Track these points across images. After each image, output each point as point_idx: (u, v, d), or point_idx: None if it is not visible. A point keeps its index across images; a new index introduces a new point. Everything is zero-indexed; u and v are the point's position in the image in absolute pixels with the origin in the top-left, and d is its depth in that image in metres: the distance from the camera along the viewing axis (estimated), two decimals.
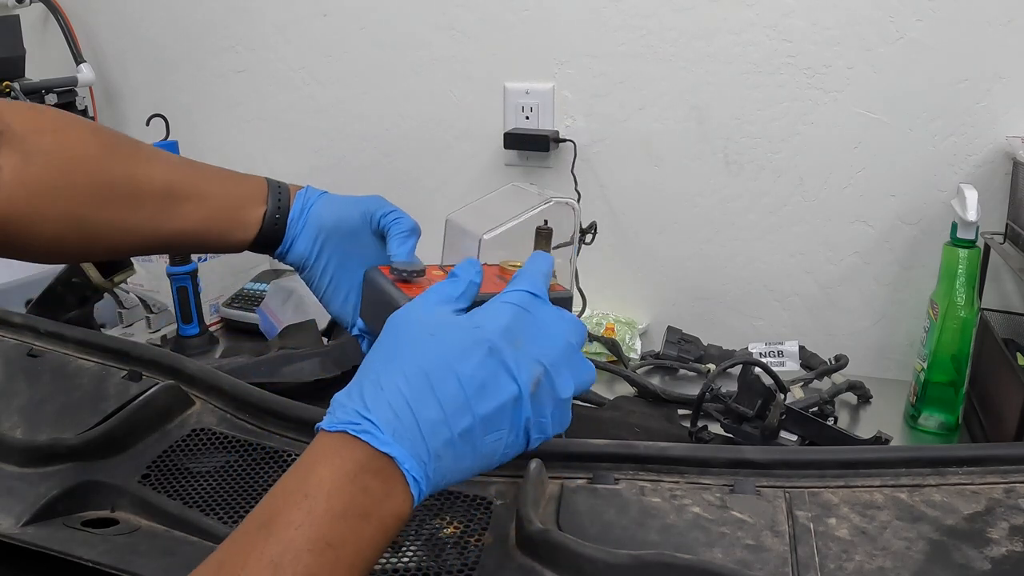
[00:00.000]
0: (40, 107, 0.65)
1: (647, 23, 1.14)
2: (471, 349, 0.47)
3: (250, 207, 0.69)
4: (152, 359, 0.77)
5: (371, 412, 0.44)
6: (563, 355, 0.50)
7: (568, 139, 1.21)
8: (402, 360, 0.46)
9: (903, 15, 1.02)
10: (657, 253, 1.22)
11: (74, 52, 1.43)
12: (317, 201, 0.71)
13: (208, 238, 0.68)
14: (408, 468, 0.44)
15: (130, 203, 0.65)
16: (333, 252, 0.70)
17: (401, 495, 0.44)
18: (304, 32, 1.34)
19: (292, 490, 0.43)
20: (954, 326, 0.92)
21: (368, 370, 0.47)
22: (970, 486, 0.58)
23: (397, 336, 0.48)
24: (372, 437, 0.44)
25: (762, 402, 0.87)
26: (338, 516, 0.42)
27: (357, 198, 0.71)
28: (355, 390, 0.46)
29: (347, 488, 0.43)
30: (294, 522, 0.41)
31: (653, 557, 0.50)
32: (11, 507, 0.62)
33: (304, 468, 0.44)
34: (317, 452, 0.44)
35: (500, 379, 0.47)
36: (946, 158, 1.05)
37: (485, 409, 0.46)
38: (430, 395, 0.45)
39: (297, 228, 0.70)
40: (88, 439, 0.67)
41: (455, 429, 0.45)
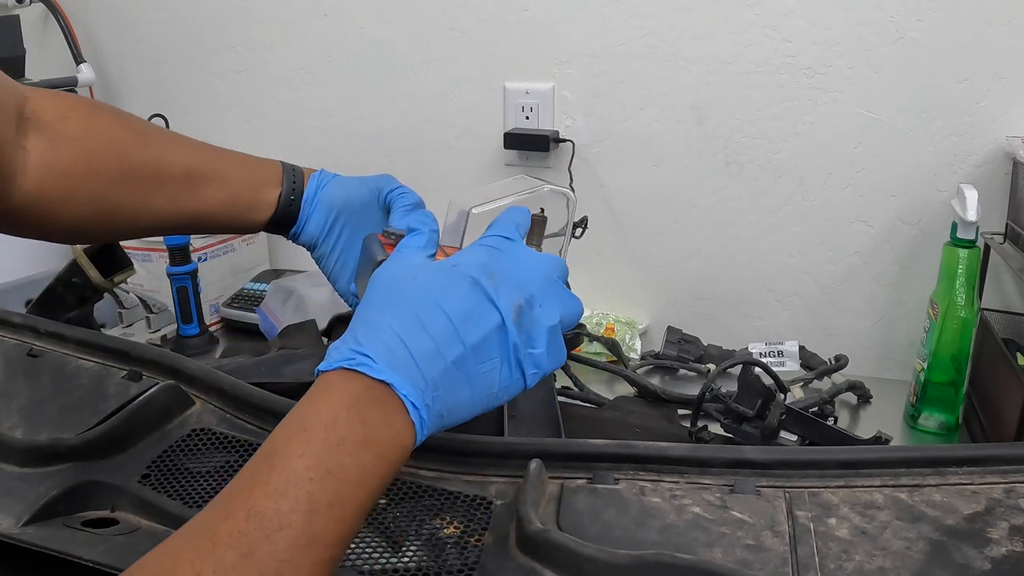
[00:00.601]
0: (65, 94, 0.67)
1: (647, 23, 1.14)
2: (453, 284, 0.49)
3: (266, 189, 0.72)
4: (152, 359, 0.77)
5: (364, 347, 0.46)
6: (543, 285, 0.52)
7: (568, 139, 1.21)
8: (390, 304, 0.49)
9: (903, 15, 1.02)
10: (657, 253, 1.22)
11: (74, 52, 1.43)
12: (331, 182, 0.74)
13: (227, 218, 0.71)
14: (406, 393, 0.45)
15: (153, 185, 0.67)
16: (343, 229, 0.72)
17: (401, 422, 0.46)
18: (304, 32, 1.34)
19: (292, 424, 0.44)
20: (954, 326, 0.92)
21: (358, 319, 0.49)
22: (970, 486, 0.58)
23: (379, 288, 0.51)
24: (368, 367, 0.45)
25: (762, 402, 0.87)
26: (336, 444, 0.43)
27: (367, 177, 0.73)
28: (348, 336, 0.48)
29: (344, 417, 0.44)
30: (295, 452, 0.42)
31: (653, 557, 0.50)
32: (11, 507, 0.62)
33: (304, 405, 0.45)
34: (315, 390, 0.46)
35: (483, 308, 0.49)
36: (946, 158, 1.05)
37: (473, 337, 0.48)
38: (420, 328, 0.47)
39: (310, 208, 0.73)
40: (88, 439, 0.67)
41: (448, 357, 0.47)
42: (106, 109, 0.69)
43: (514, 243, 0.54)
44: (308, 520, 0.41)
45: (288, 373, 0.88)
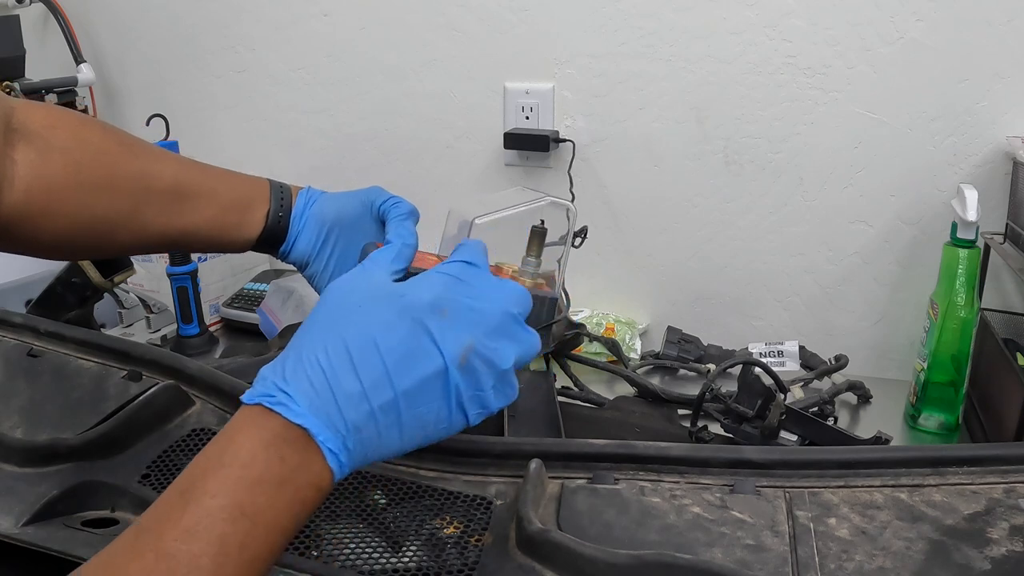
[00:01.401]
0: (52, 106, 0.66)
1: (647, 23, 1.14)
2: (394, 321, 0.46)
3: (254, 206, 0.70)
4: (152, 359, 0.77)
5: (288, 384, 0.45)
6: (499, 325, 0.48)
7: (568, 139, 1.21)
8: (325, 331, 0.46)
9: (903, 15, 1.02)
10: (657, 253, 1.22)
11: (74, 52, 1.43)
12: (320, 198, 0.73)
13: (214, 236, 0.69)
14: (323, 440, 0.44)
15: (142, 199, 0.66)
16: (336, 245, 0.71)
17: (319, 465, 0.44)
18: (304, 32, 1.34)
19: (210, 459, 0.43)
20: (954, 326, 0.92)
21: (295, 340, 0.47)
22: (970, 486, 0.58)
23: (326, 306, 0.48)
24: (286, 409, 0.44)
25: (762, 402, 0.87)
26: (253, 484, 0.42)
27: (356, 191, 0.72)
28: (279, 362, 0.46)
29: (262, 456, 0.43)
30: (210, 490, 0.42)
31: (653, 557, 0.50)
32: (11, 507, 0.62)
33: (223, 439, 0.44)
34: (236, 423, 0.45)
35: (424, 351, 0.46)
36: (946, 158, 1.05)
37: (407, 383, 0.45)
38: (350, 368, 0.45)
39: (299, 225, 0.71)
40: (88, 439, 0.67)
41: (375, 402, 0.45)
42: (94, 122, 0.68)
43: (477, 270, 0.50)
44: (218, 564, 0.40)
45: None
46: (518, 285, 0.51)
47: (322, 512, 0.61)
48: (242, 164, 1.45)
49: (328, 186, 1.39)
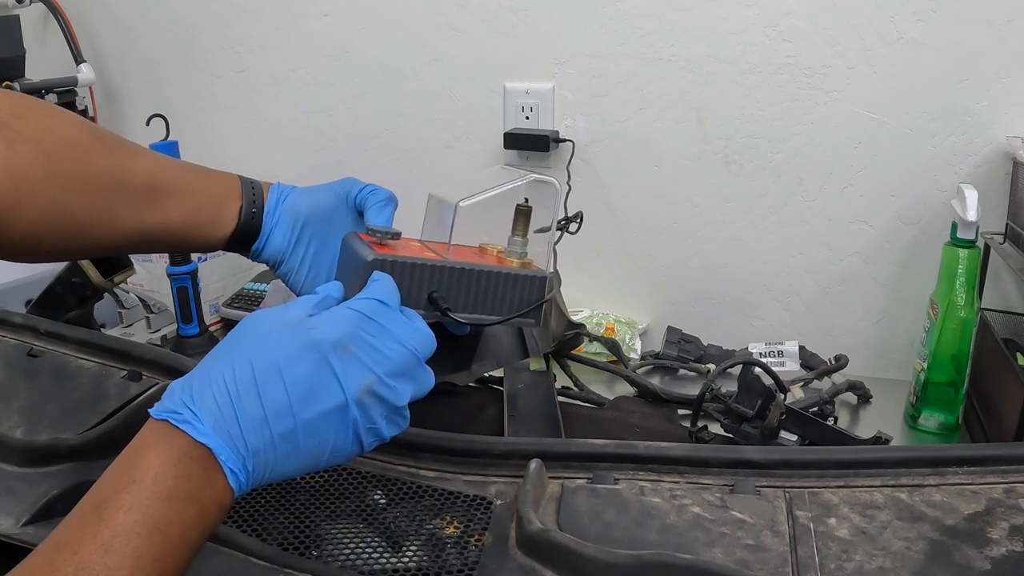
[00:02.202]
0: (20, 94, 0.63)
1: (647, 23, 1.14)
2: (301, 353, 0.48)
3: (227, 202, 0.68)
4: (152, 359, 0.77)
5: (195, 403, 0.46)
6: (402, 363, 0.50)
7: (568, 139, 1.21)
8: (235, 355, 0.48)
9: (903, 15, 1.02)
10: (657, 253, 1.22)
11: (74, 52, 1.43)
12: (292, 194, 0.71)
13: (188, 234, 0.67)
14: (224, 460, 0.45)
15: (114, 194, 0.63)
16: (311, 240, 0.69)
17: (221, 485, 0.46)
18: (304, 32, 1.34)
19: (121, 474, 0.45)
20: (954, 326, 0.92)
21: (207, 360, 0.49)
22: (970, 486, 0.58)
23: (240, 331, 0.49)
24: (191, 427, 0.45)
25: (762, 402, 0.87)
26: (164, 499, 0.44)
27: (329, 184, 0.71)
28: (188, 379, 0.47)
29: (171, 472, 0.44)
30: (123, 505, 0.43)
31: (653, 557, 0.50)
32: (11, 507, 0.62)
33: (133, 453, 0.45)
34: (144, 438, 0.46)
35: (326, 386, 0.48)
36: (946, 158, 1.05)
37: (308, 415, 0.47)
38: (255, 394, 0.46)
39: (273, 221, 0.69)
40: (88, 439, 0.67)
41: (275, 430, 0.47)
42: (65, 113, 0.64)
43: (387, 310, 0.51)
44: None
45: None
46: (424, 327, 0.52)
47: (322, 512, 0.61)
48: (242, 164, 1.45)
49: None
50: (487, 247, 0.64)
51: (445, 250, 0.61)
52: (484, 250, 0.63)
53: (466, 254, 0.61)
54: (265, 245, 0.69)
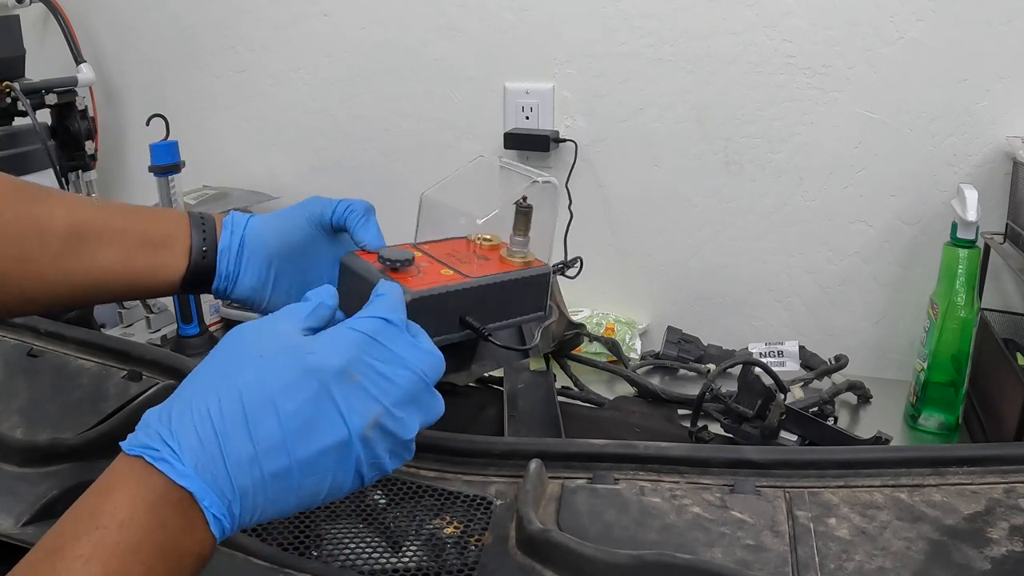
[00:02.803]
0: None
1: (647, 23, 1.14)
2: (299, 382, 0.42)
3: (171, 243, 0.61)
4: (152, 359, 0.77)
5: (175, 438, 0.40)
6: (410, 391, 0.45)
7: (568, 139, 1.21)
8: (221, 381, 0.42)
9: (903, 15, 1.02)
10: (657, 253, 1.22)
11: (74, 52, 1.43)
12: (250, 226, 0.64)
13: (129, 280, 0.60)
14: (207, 505, 0.40)
15: (35, 243, 0.57)
16: (289, 274, 0.63)
17: (201, 532, 0.40)
18: (304, 32, 1.34)
19: (84, 516, 0.39)
20: (954, 326, 0.92)
21: (187, 384, 0.43)
22: (970, 486, 0.58)
23: (226, 351, 0.44)
24: (169, 467, 0.39)
25: (762, 402, 0.87)
26: (131, 550, 0.38)
27: (292, 209, 0.64)
28: (166, 408, 0.42)
29: (143, 519, 0.39)
30: (82, 555, 0.37)
31: (653, 557, 0.50)
32: (11, 507, 0.62)
33: (100, 492, 0.40)
34: (114, 476, 0.40)
35: (327, 420, 0.42)
36: (946, 158, 1.05)
37: (305, 452, 0.42)
38: (242, 428, 0.41)
39: (230, 259, 0.62)
40: (88, 439, 0.67)
41: (267, 469, 0.41)
42: None
43: (394, 329, 0.46)
44: None
45: None
46: (433, 347, 0.48)
47: (322, 512, 0.61)
48: (242, 164, 1.45)
49: (328, 186, 1.39)
50: (481, 242, 0.62)
51: (446, 254, 0.60)
52: (480, 247, 0.62)
53: (464, 252, 0.61)
54: (235, 286, 0.63)
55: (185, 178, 1.20)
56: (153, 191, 1.17)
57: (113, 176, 1.56)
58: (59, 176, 1.26)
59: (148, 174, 1.15)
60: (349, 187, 1.37)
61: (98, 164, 1.43)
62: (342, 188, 1.38)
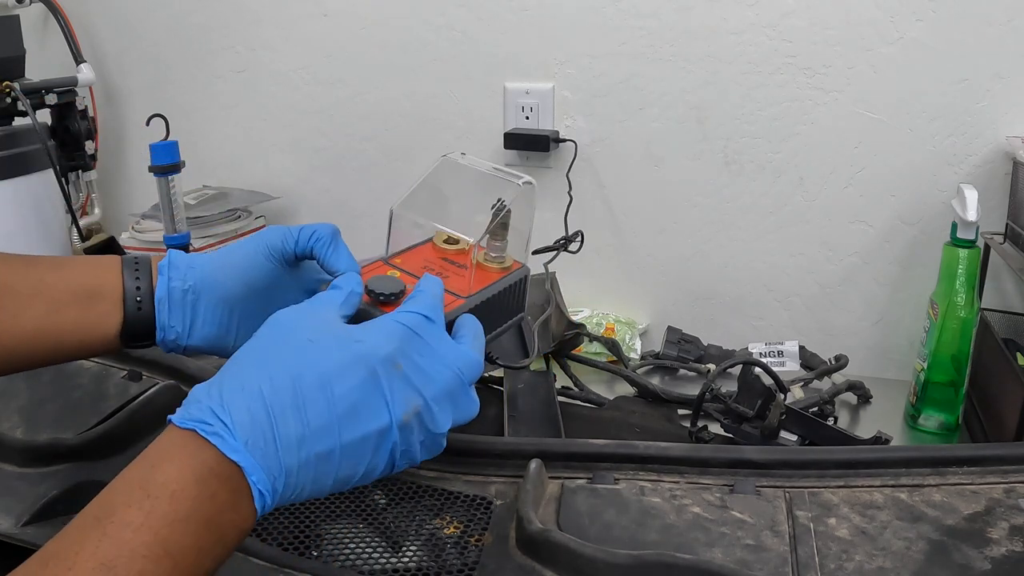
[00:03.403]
0: None
1: (647, 23, 1.14)
2: (350, 367, 0.43)
3: (104, 292, 0.55)
4: (152, 359, 0.77)
5: (227, 412, 0.41)
6: (448, 388, 0.47)
7: (568, 139, 1.21)
8: (273, 362, 0.43)
9: (903, 15, 1.02)
10: (657, 253, 1.22)
11: (74, 52, 1.43)
12: (201, 269, 0.57)
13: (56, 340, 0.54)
14: (255, 480, 0.41)
15: None
16: (254, 315, 0.58)
17: (246, 507, 0.41)
18: (304, 32, 1.34)
19: (134, 485, 0.39)
20: (954, 326, 0.92)
21: (234, 365, 0.43)
22: (970, 486, 0.58)
23: (273, 334, 0.45)
24: (221, 441, 0.40)
25: (762, 402, 0.87)
26: (180, 521, 0.39)
27: (245, 244, 0.58)
28: (216, 385, 0.42)
29: (192, 491, 0.39)
30: (132, 522, 0.38)
31: (653, 557, 0.50)
32: (11, 507, 0.62)
33: (148, 463, 0.40)
34: (164, 447, 0.41)
35: (373, 406, 0.44)
36: (946, 158, 1.05)
37: (350, 435, 0.43)
38: (295, 409, 0.42)
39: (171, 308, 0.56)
40: (88, 439, 0.67)
41: (313, 449, 0.42)
42: None
43: (434, 326, 0.47)
44: None
45: None
46: (470, 350, 0.48)
47: (322, 512, 0.61)
48: (242, 164, 1.45)
49: (328, 186, 1.39)
50: (447, 246, 0.60)
51: (421, 268, 0.57)
52: (447, 251, 0.60)
53: (436, 261, 0.58)
54: (189, 337, 0.57)
55: (185, 178, 1.20)
56: (153, 191, 1.17)
57: (113, 176, 1.56)
58: (59, 176, 1.26)
59: (148, 174, 1.15)
60: (349, 187, 1.37)
61: (98, 164, 1.43)
62: (342, 189, 1.38)
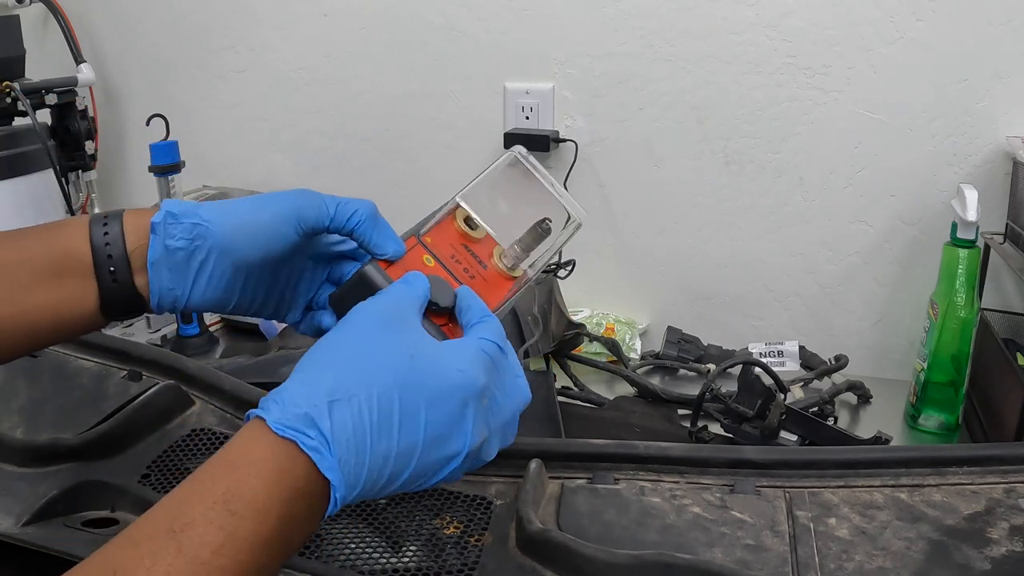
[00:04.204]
0: None
1: (647, 23, 1.14)
2: (449, 395, 0.43)
3: (74, 263, 0.49)
4: (152, 359, 0.77)
5: (328, 423, 0.39)
6: (508, 421, 0.47)
7: (568, 139, 1.21)
8: (377, 374, 0.41)
9: (903, 15, 1.02)
10: (657, 253, 1.22)
11: (74, 52, 1.43)
12: (209, 227, 0.49)
13: (29, 323, 0.48)
14: (338, 498, 0.40)
15: None
16: (259, 280, 0.53)
17: (318, 520, 0.40)
18: (304, 32, 1.34)
19: (215, 496, 0.37)
20: (954, 326, 0.92)
21: (329, 365, 0.42)
22: (970, 486, 0.58)
23: (371, 338, 0.43)
24: (320, 457, 0.39)
25: (762, 402, 0.87)
26: (261, 545, 0.37)
27: (271, 211, 0.51)
28: (313, 386, 0.40)
29: (278, 511, 0.38)
30: (211, 542, 0.35)
31: (653, 557, 0.50)
32: (11, 507, 0.62)
33: (234, 470, 0.38)
34: (255, 454, 0.38)
35: (456, 434, 0.43)
36: (946, 158, 1.05)
37: (428, 458, 0.42)
38: (392, 429, 0.41)
39: (165, 271, 0.49)
40: (88, 439, 0.67)
41: (394, 469, 0.41)
42: None
43: (505, 358, 0.47)
44: None
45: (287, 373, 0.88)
46: (526, 384, 0.49)
47: None
48: (242, 164, 1.45)
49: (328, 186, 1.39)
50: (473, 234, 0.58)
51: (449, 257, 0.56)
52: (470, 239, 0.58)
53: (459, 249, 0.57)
54: (188, 297, 0.50)
55: (185, 178, 1.20)
56: (153, 191, 1.17)
57: (113, 176, 1.56)
58: (59, 176, 1.26)
59: (148, 174, 1.15)
60: (349, 187, 1.37)
61: (98, 164, 1.43)
62: (342, 189, 1.38)
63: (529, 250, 0.59)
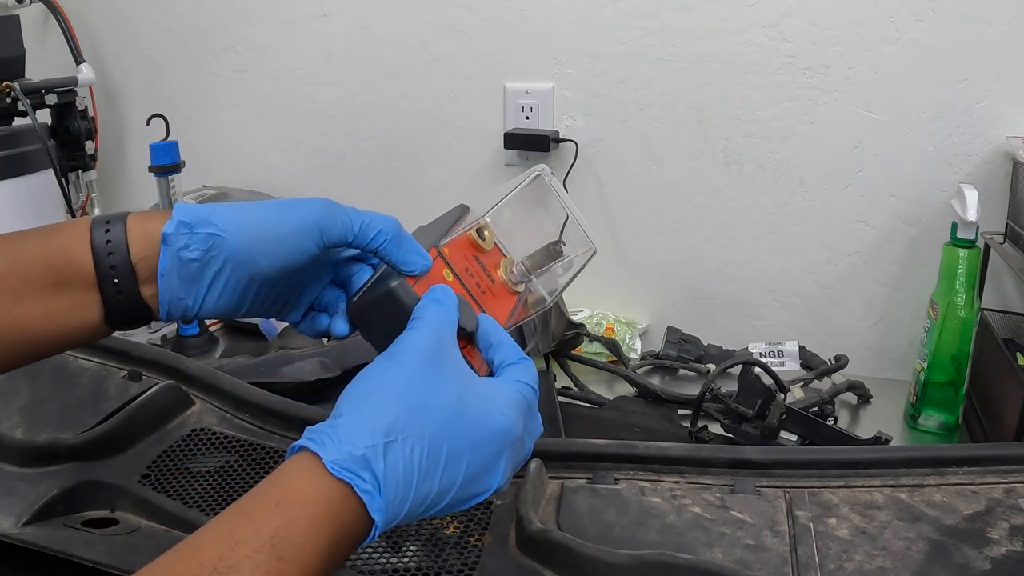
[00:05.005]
0: None
1: (647, 23, 1.14)
2: (492, 440, 0.44)
3: (73, 270, 0.46)
4: (152, 359, 0.77)
5: (381, 465, 0.39)
6: (525, 455, 0.49)
7: (568, 139, 1.21)
8: (430, 413, 0.42)
9: (903, 15, 1.02)
10: (657, 253, 1.22)
11: (74, 52, 1.43)
12: (224, 238, 0.47)
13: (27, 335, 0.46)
14: (377, 533, 0.40)
15: None
16: (272, 291, 0.51)
17: (353, 552, 0.41)
18: (304, 32, 1.34)
19: (263, 540, 0.36)
20: (954, 326, 0.92)
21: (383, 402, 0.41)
22: (970, 486, 0.58)
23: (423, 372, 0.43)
24: (371, 499, 0.39)
25: (762, 402, 0.87)
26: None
27: (286, 219, 0.49)
28: (376, 426, 0.40)
29: (325, 552, 0.38)
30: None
31: (653, 557, 0.50)
32: (11, 507, 0.62)
33: (285, 512, 0.38)
34: (306, 492, 0.38)
35: (491, 475, 0.45)
36: (946, 158, 1.05)
37: (461, 495, 0.43)
38: (437, 472, 0.42)
39: (176, 281, 0.47)
40: (88, 439, 0.67)
41: (429, 505, 0.42)
42: None
43: (535, 400, 0.49)
44: None
45: (287, 373, 0.88)
46: (540, 423, 0.50)
47: None
48: (242, 164, 1.45)
49: (328, 186, 1.38)
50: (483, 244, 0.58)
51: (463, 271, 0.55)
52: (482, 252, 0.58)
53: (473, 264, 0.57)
54: (200, 306, 0.49)
55: (185, 178, 1.20)
56: (153, 191, 1.17)
57: (113, 176, 1.56)
58: (59, 176, 1.26)
59: (148, 174, 1.15)
60: (349, 188, 1.37)
61: (98, 164, 1.43)
62: (342, 188, 1.38)
63: (538, 268, 0.59)
